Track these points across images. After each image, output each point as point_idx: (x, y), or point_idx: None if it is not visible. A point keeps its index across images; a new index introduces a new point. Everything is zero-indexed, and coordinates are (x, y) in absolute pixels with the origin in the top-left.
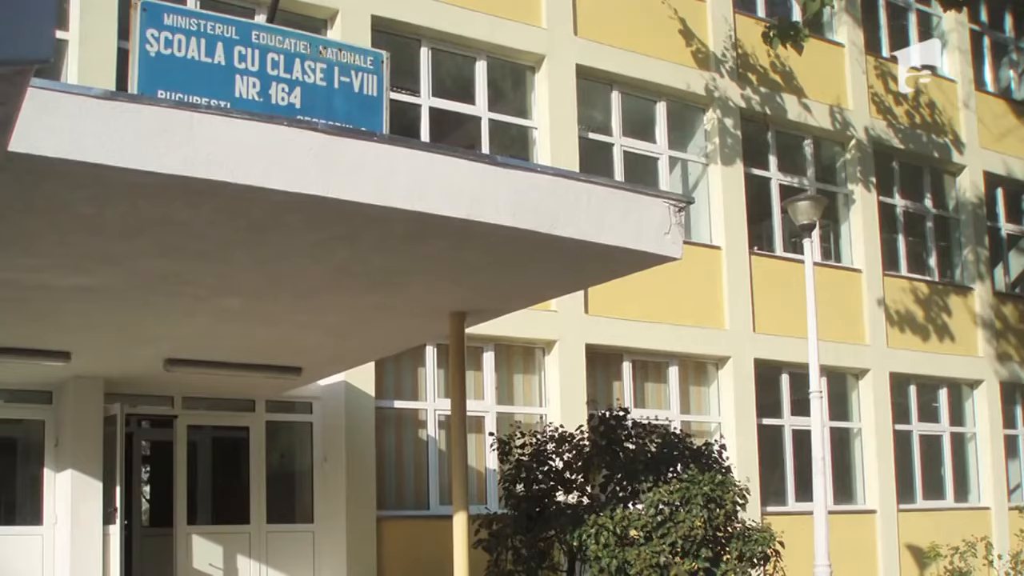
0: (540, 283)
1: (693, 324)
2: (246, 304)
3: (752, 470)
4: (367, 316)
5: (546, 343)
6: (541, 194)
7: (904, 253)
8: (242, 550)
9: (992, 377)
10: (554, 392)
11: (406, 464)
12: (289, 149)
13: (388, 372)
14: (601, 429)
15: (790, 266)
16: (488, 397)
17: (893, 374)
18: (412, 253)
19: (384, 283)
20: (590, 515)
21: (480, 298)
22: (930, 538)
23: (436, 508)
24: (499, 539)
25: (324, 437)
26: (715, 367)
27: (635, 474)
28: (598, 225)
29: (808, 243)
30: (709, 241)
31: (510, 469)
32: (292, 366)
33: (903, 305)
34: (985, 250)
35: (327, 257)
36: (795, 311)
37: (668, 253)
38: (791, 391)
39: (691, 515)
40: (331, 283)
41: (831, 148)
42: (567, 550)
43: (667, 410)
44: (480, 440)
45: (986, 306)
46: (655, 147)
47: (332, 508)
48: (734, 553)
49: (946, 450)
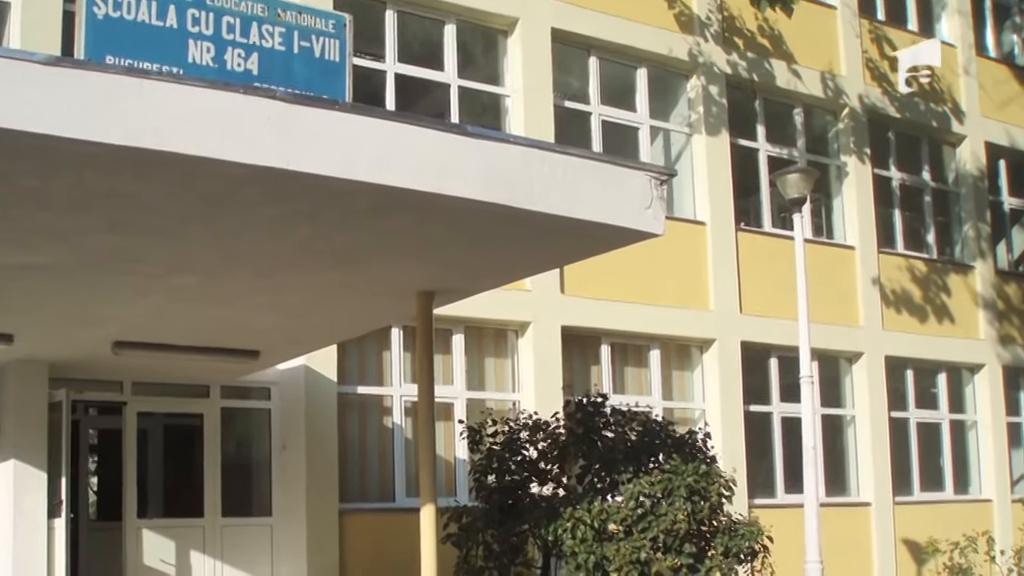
0: (513, 261)
1: (676, 305)
2: (200, 283)
3: (739, 460)
4: (329, 296)
5: (519, 325)
6: (514, 166)
7: (901, 229)
8: (195, 545)
9: (994, 361)
10: (528, 377)
11: (370, 454)
12: (245, 118)
13: (351, 356)
14: (578, 416)
15: (779, 243)
16: (458, 382)
17: (889, 358)
18: (377, 229)
19: (347, 261)
20: (566, 508)
21: (449, 277)
22: (928, 532)
23: (402, 500)
24: (469, 533)
25: (283, 425)
26: (699, 350)
27: (614, 464)
28: (574, 199)
29: (798, 218)
30: (693, 216)
31: (481, 459)
32: (249, 349)
33: (899, 284)
34: (987, 226)
35: (286, 233)
36: (784, 291)
37: (649, 229)
38: (780, 376)
39: (674, 508)
40: (291, 261)
41: (823, 117)
42: (542, 545)
43: (648, 396)
44: (449, 428)
45: (988, 285)
46: (635, 116)
47: (291, 500)
48: (719, 548)
49: (945, 439)
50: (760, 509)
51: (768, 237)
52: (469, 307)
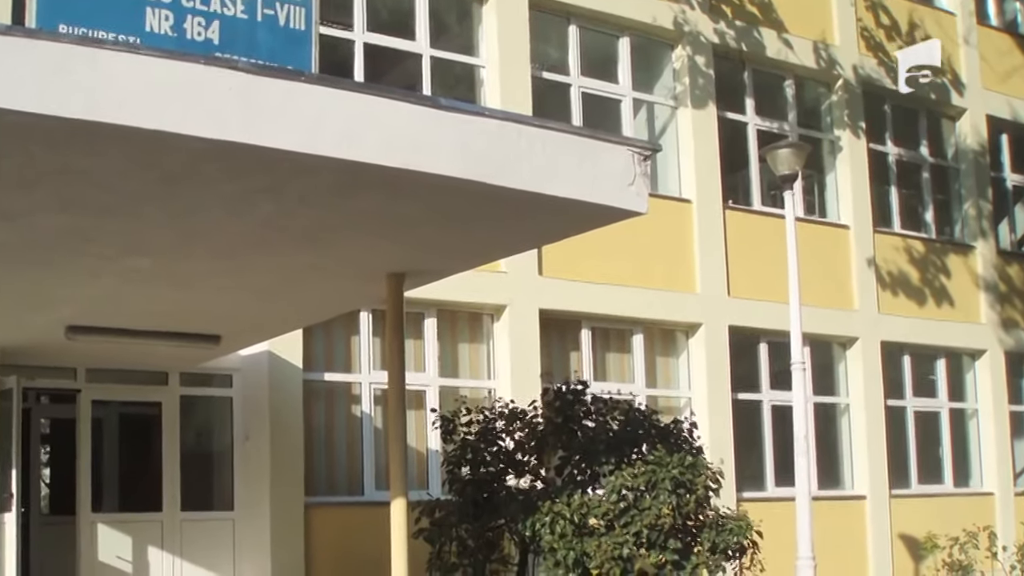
0: (488, 241)
1: (660, 287)
2: (158, 264)
3: (727, 451)
4: (293, 278)
5: (495, 308)
6: (489, 140)
7: (897, 207)
8: (153, 540)
9: (996, 346)
10: (504, 363)
11: (338, 444)
12: (206, 90)
13: (317, 341)
14: (557, 405)
15: (769, 222)
16: (430, 369)
17: (885, 343)
18: (344, 207)
19: (313, 241)
20: (544, 501)
21: (420, 257)
22: (926, 527)
23: (371, 494)
24: (442, 528)
25: (245, 414)
26: (685, 335)
27: (595, 455)
28: (553, 175)
29: (789, 196)
30: (678, 194)
31: (454, 450)
32: (209, 334)
33: (896, 266)
34: (988, 203)
35: (249, 211)
36: (774, 272)
37: (632, 207)
38: (770, 362)
39: (658, 502)
40: (253, 240)
41: (815, 89)
42: (518, 541)
43: (631, 383)
44: (421, 417)
45: (989, 266)
46: (617, 88)
47: (254, 494)
48: (706, 544)
49: (944, 428)
50: (749, 503)
51: (757, 216)
52: (442, 290)
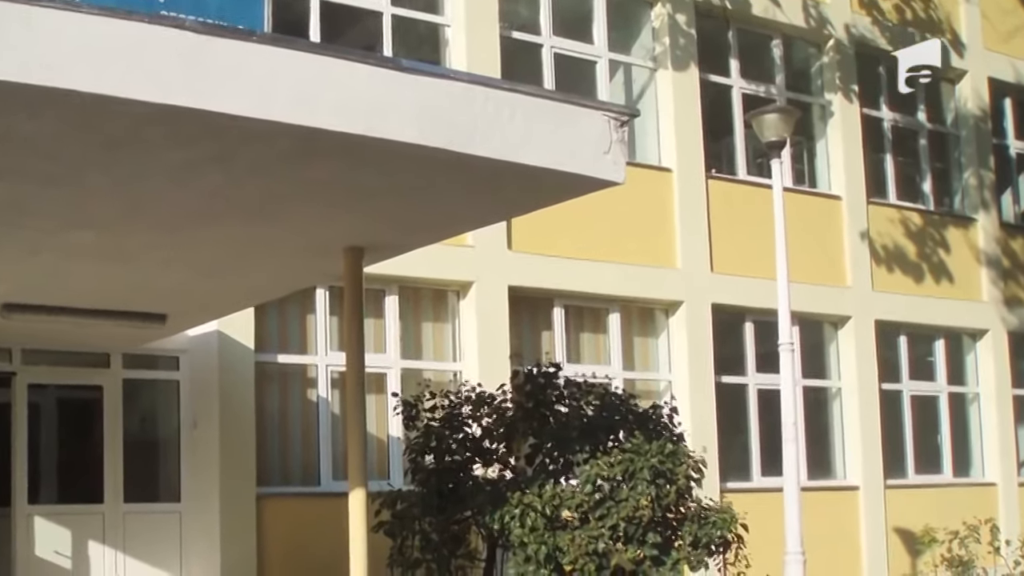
0: (453, 213)
1: (638, 262)
2: (100, 238)
3: (709, 438)
4: (245, 252)
5: (461, 285)
6: (454, 105)
7: (893, 177)
8: (94, 534)
9: (998, 325)
10: (470, 344)
11: (292, 431)
12: (150, 50)
13: (270, 320)
14: (527, 389)
15: (755, 192)
16: (391, 350)
17: (879, 322)
18: (298, 176)
19: (265, 212)
20: (514, 492)
21: (381, 230)
22: (924, 520)
23: (328, 484)
24: (404, 521)
25: (193, 398)
26: (664, 314)
27: (568, 443)
28: (523, 143)
29: (777, 165)
30: (657, 162)
31: (417, 437)
32: (155, 313)
33: (892, 239)
34: (990, 173)
35: (197, 181)
36: (761, 246)
37: (608, 176)
38: (756, 343)
39: (635, 493)
40: (201, 212)
41: (804, 50)
42: (486, 535)
43: (607, 366)
44: (381, 402)
45: (991, 240)
46: (592, 49)
47: (203, 484)
48: (687, 538)
49: (943, 414)
50: (734, 494)
51: (743, 186)
52: (404, 265)
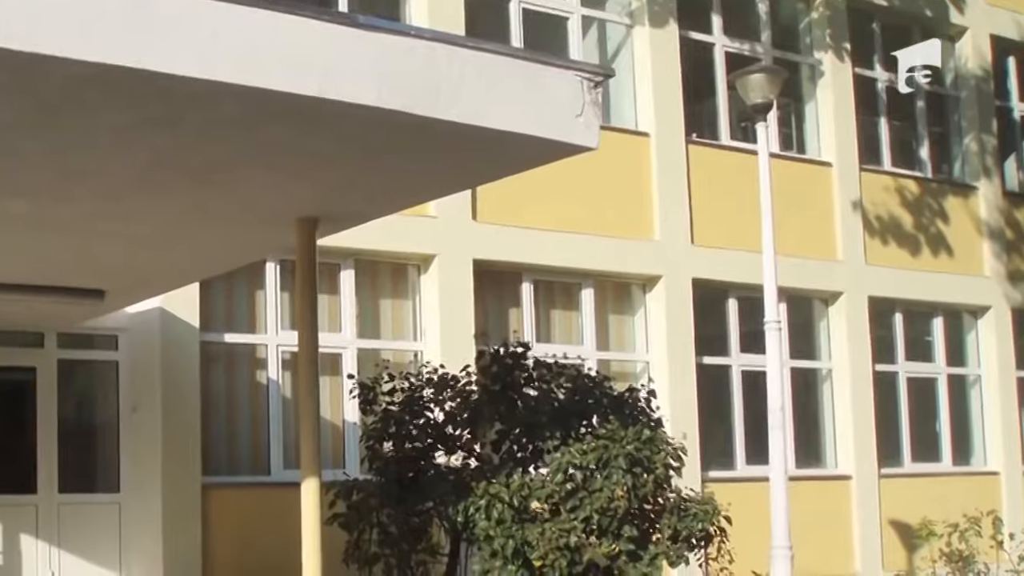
0: (414, 181)
1: (613, 234)
2: (33, 208)
3: (690, 424)
4: (189, 223)
5: (422, 259)
6: (415, 65)
7: (887, 142)
8: (27, 527)
9: (1001, 302)
10: (432, 322)
11: (240, 416)
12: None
13: (216, 296)
14: (493, 370)
15: (739, 159)
16: (347, 329)
17: (873, 299)
18: (247, 141)
19: (211, 180)
20: (479, 482)
21: (336, 200)
22: (921, 512)
23: (279, 473)
24: (361, 513)
25: (134, 381)
26: (642, 290)
27: (538, 429)
28: (489, 105)
29: (763, 129)
30: (634, 126)
31: (375, 422)
32: (92, 288)
33: (886, 209)
34: (992, 137)
35: (138, 146)
36: (746, 217)
37: (580, 141)
38: (741, 321)
39: (610, 482)
40: (143, 180)
41: (792, 5)
42: (449, 527)
43: (579, 346)
44: (336, 384)
45: (994, 210)
46: (564, 4)
47: (144, 473)
48: (666, 531)
49: (942, 398)
50: (716, 484)
51: (726, 152)
52: (361, 237)
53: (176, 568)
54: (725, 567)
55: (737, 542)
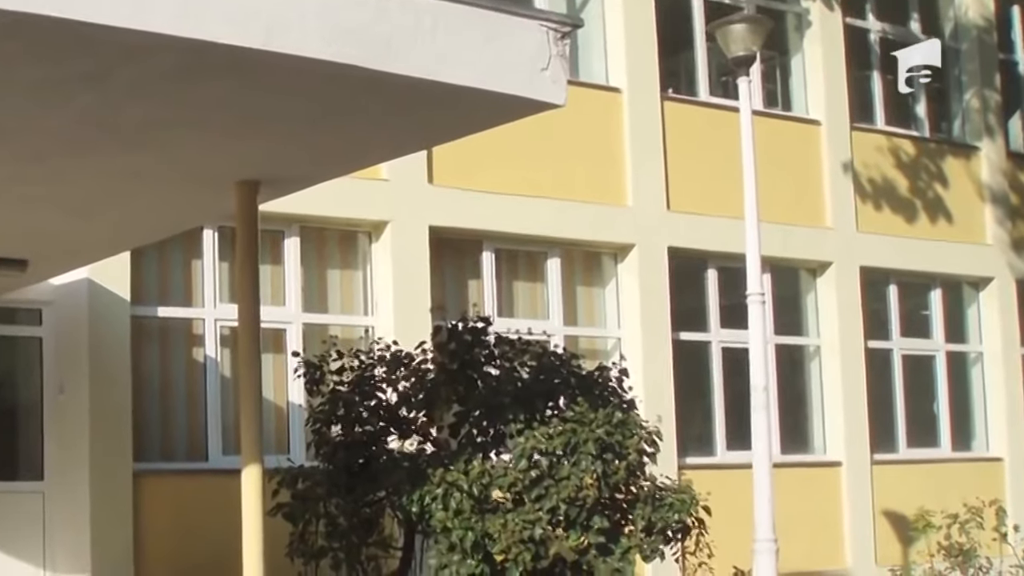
0: (365, 140)
1: (582, 199)
2: None
3: (666, 406)
4: (119, 187)
5: (373, 225)
6: (367, 15)
7: (881, 98)
8: None
9: (1005, 272)
10: (385, 295)
11: (175, 397)
12: None
13: (149, 267)
14: (451, 347)
15: (720, 116)
16: (291, 302)
17: (865, 269)
18: (184, 98)
19: (144, 141)
20: (436, 469)
21: (280, 161)
22: (918, 502)
23: (217, 459)
24: (307, 503)
25: (59, 358)
26: (613, 259)
27: (499, 411)
28: (447, 58)
29: (745, 84)
30: (605, 81)
31: (322, 404)
32: (13, 258)
33: (879, 172)
34: (996, 93)
35: (64, 104)
36: (726, 180)
37: (546, 98)
38: (721, 293)
39: (579, 469)
40: (69, 140)
41: None
42: (403, 518)
43: (545, 320)
44: (280, 362)
45: (997, 172)
46: None
47: (70, 459)
48: (640, 523)
49: (940, 377)
50: (694, 471)
51: (705, 109)
52: (307, 202)
53: (105, 562)
54: (704, 562)
55: (717, 535)
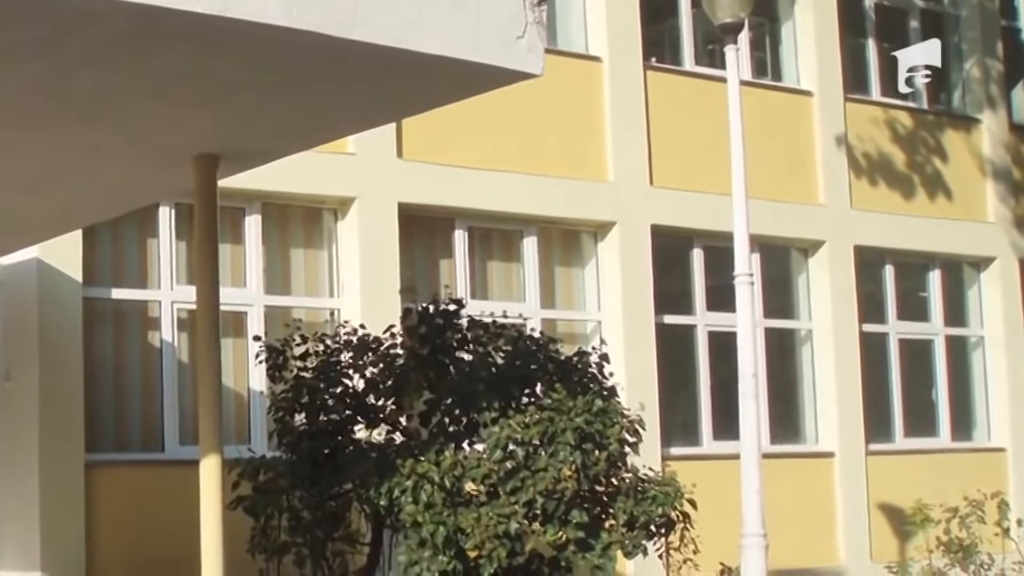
0: (331, 112)
1: (560, 174)
2: None
3: (648, 394)
4: (71, 162)
5: (339, 202)
6: None
7: (876, 68)
8: None
9: (1008, 252)
10: (351, 276)
11: (130, 384)
12: None
13: (102, 246)
14: (422, 331)
15: (706, 87)
16: (252, 283)
17: (860, 248)
18: (139, 67)
19: (97, 112)
20: (405, 460)
21: (240, 134)
22: (915, 495)
23: (174, 450)
24: (269, 496)
25: (6, 343)
26: (593, 238)
27: (473, 399)
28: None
29: (733, 52)
30: (584, 50)
31: (285, 391)
32: None
33: (875, 145)
34: (998, 62)
35: (11, 73)
36: (713, 154)
37: (522, 67)
38: (707, 274)
39: (556, 460)
40: (17, 112)
41: None
42: (371, 512)
43: (521, 303)
44: (241, 347)
45: (999, 146)
46: None
47: (18, 450)
48: (621, 517)
49: (939, 363)
50: (679, 462)
51: (690, 79)
52: (269, 177)
53: (56, 559)
54: (689, 558)
55: (703, 529)
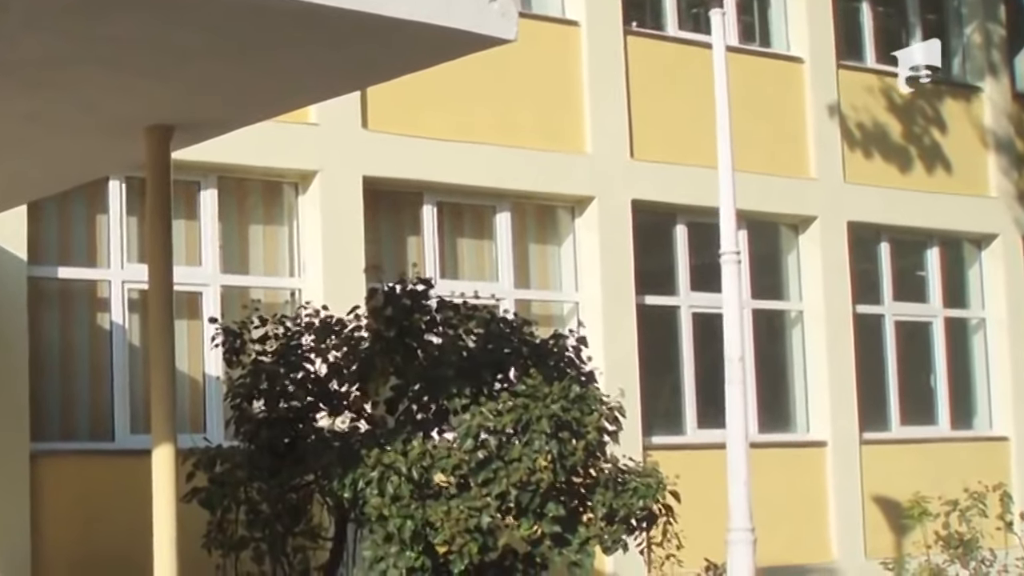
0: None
1: (535, 146)
2: None
3: (629, 379)
4: (15, 133)
5: (301, 176)
6: None
7: (871, 33)
8: None
9: (1010, 228)
10: (314, 254)
11: (78, 368)
12: None
13: (48, 222)
14: (388, 313)
15: (690, 53)
16: (208, 262)
17: (853, 224)
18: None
19: (44, 81)
20: (371, 450)
21: (195, 103)
22: (913, 487)
23: (125, 439)
24: (225, 488)
25: None
26: (570, 214)
27: (442, 384)
28: None
29: (718, 16)
30: (561, 14)
31: (243, 376)
32: None
33: (869, 115)
34: (1000, 27)
35: None
36: (698, 125)
37: (494, 32)
38: (691, 252)
39: (531, 450)
40: None
41: None
42: (334, 505)
43: (493, 283)
44: (196, 330)
45: (1001, 116)
46: None
47: None
48: (600, 510)
49: (938, 346)
50: (661, 452)
51: (673, 45)
52: (226, 149)
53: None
54: (672, 554)
55: (686, 523)
